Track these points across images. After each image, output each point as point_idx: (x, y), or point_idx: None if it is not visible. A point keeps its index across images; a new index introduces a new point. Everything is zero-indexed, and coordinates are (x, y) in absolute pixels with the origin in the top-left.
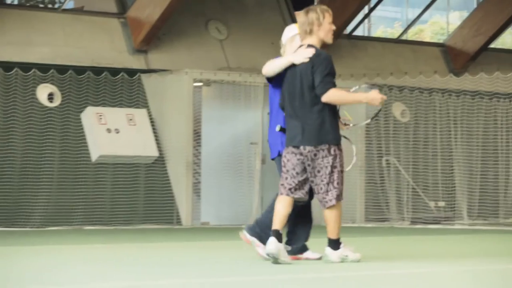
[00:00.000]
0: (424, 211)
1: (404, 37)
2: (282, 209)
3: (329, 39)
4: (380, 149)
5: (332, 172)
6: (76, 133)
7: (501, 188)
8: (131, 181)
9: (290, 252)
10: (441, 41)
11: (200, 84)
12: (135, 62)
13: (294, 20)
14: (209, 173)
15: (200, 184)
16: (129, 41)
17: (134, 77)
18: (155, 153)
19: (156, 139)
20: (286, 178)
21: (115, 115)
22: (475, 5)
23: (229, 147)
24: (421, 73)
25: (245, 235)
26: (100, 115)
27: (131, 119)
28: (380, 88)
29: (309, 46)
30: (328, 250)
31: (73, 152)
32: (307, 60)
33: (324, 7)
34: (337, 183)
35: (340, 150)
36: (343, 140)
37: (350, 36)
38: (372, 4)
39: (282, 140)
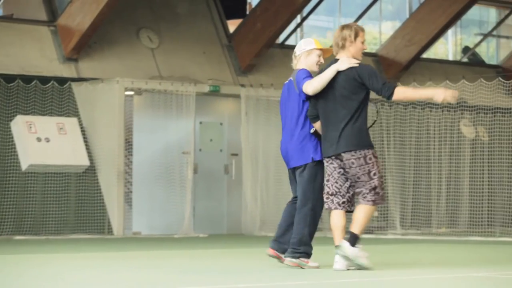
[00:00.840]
0: None
1: None
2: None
3: (359, 57)
4: None
5: (373, 176)
6: (5, 142)
7: (433, 197)
8: (62, 190)
9: (279, 249)
10: (373, 51)
11: (132, 93)
12: (66, 70)
13: (226, 29)
14: (140, 183)
15: (132, 194)
16: (59, 49)
17: (65, 86)
18: (86, 162)
19: (87, 148)
20: (332, 191)
21: (45, 124)
22: (407, 15)
23: (161, 156)
24: None
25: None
26: (30, 124)
27: (61, 128)
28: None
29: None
30: (346, 243)
31: (3, 161)
32: (355, 65)
33: (360, 26)
34: (379, 187)
35: (375, 155)
36: None
37: (282, 45)
38: (304, 13)
39: (313, 144)
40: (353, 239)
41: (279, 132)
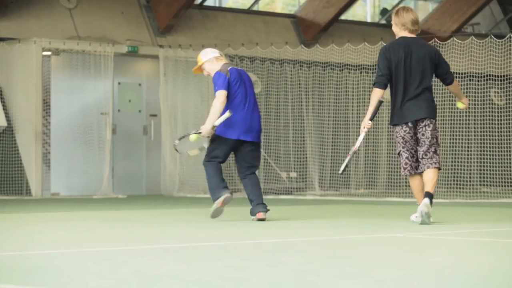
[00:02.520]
0: (276, 181)
1: (255, 8)
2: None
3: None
4: None
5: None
6: None
7: (352, 158)
8: None
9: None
10: (292, 12)
11: (49, 53)
12: None
13: None
14: (58, 144)
15: (50, 155)
16: None
17: None
18: (3, 123)
19: (4, 109)
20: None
21: None
22: None
23: (79, 117)
24: (272, 44)
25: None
26: None
27: None
28: (232, 58)
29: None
30: (428, 200)
31: None
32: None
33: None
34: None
35: None
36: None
37: (201, 6)
38: None
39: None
40: (431, 197)
41: (198, 93)
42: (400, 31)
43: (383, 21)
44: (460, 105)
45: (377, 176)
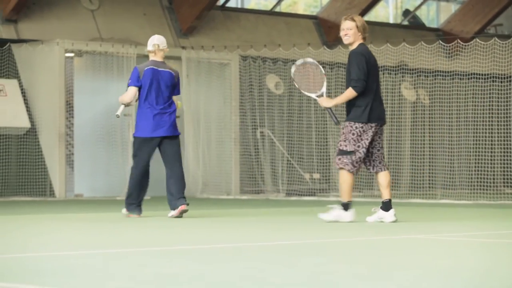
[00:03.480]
0: (299, 183)
1: (277, 9)
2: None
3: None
4: (254, 121)
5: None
6: None
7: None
8: (3, 152)
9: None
10: (314, 14)
11: (72, 54)
12: (5, 32)
13: None
14: (82, 145)
15: (73, 156)
16: None
17: (4, 47)
18: (26, 124)
19: (28, 110)
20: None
21: None
22: None
23: (102, 118)
24: (294, 46)
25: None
26: None
27: (1, 90)
28: (254, 60)
29: None
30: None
31: None
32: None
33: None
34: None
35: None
36: None
37: (223, 7)
38: None
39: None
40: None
41: (220, 94)
42: (359, 39)
43: (405, 22)
44: None
45: (400, 177)
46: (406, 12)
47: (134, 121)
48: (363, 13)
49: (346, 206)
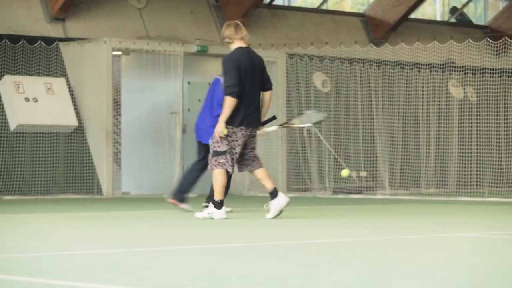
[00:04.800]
0: (346, 180)
1: (324, 7)
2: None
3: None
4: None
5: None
6: None
7: (422, 158)
8: (51, 150)
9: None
10: (361, 11)
11: (119, 53)
12: (53, 30)
13: None
14: (129, 143)
15: (120, 154)
16: (47, 9)
17: (52, 46)
18: (74, 122)
19: (75, 108)
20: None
21: (33, 84)
22: None
23: (149, 116)
24: (341, 43)
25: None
26: (18, 84)
27: (49, 88)
28: (301, 58)
29: None
30: (282, 195)
31: None
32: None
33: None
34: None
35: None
36: None
37: (270, 5)
38: None
39: None
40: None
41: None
42: (238, 42)
43: (452, 20)
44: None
45: (448, 175)
46: (453, 10)
47: (181, 119)
48: (410, 10)
49: (219, 205)
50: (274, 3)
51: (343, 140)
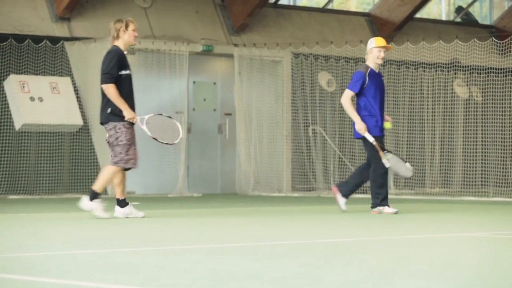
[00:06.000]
0: None
1: (329, 6)
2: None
3: (132, 42)
4: (306, 119)
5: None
6: None
7: (427, 157)
8: (56, 149)
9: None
10: (366, 11)
11: (125, 52)
12: (58, 30)
13: None
14: None
15: None
16: (52, 8)
17: (57, 45)
18: (79, 121)
19: (80, 108)
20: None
21: (39, 83)
22: None
23: None
24: (347, 43)
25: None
26: (23, 83)
27: (54, 87)
28: (306, 57)
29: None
30: (85, 198)
31: None
32: None
33: (130, 18)
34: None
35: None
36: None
37: (275, 5)
38: None
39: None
40: (92, 195)
41: (272, 92)
42: (113, 42)
43: (458, 19)
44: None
45: (453, 175)
46: (458, 9)
47: (186, 119)
48: (415, 10)
49: (122, 203)
50: (280, 2)
51: (348, 139)
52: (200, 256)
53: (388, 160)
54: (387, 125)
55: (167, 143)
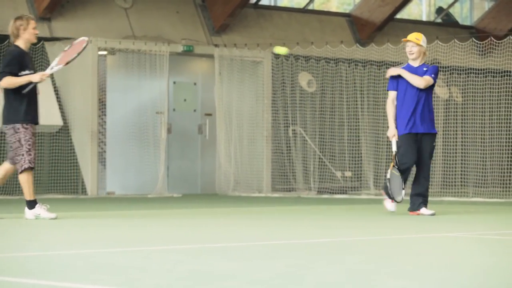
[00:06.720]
0: (330, 181)
1: (310, 7)
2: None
3: (33, 40)
4: (286, 119)
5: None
6: None
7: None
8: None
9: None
10: (347, 11)
11: (105, 52)
12: (39, 29)
13: None
14: (114, 143)
15: (105, 154)
16: (32, 8)
17: (38, 45)
18: (59, 122)
19: (60, 108)
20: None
21: None
22: None
23: (135, 116)
24: (327, 43)
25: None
26: None
27: None
28: (286, 58)
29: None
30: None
31: None
32: None
33: (30, 15)
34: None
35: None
36: None
37: (256, 5)
38: None
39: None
40: (30, 204)
41: (253, 92)
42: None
43: (438, 20)
44: None
45: (432, 175)
46: (439, 10)
47: (166, 119)
48: (396, 10)
49: (32, 204)
50: (260, 3)
51: (328, 140)
52: (181, 256)
53: (392, 173)
54: (281, 50)
55: (78, 54)
